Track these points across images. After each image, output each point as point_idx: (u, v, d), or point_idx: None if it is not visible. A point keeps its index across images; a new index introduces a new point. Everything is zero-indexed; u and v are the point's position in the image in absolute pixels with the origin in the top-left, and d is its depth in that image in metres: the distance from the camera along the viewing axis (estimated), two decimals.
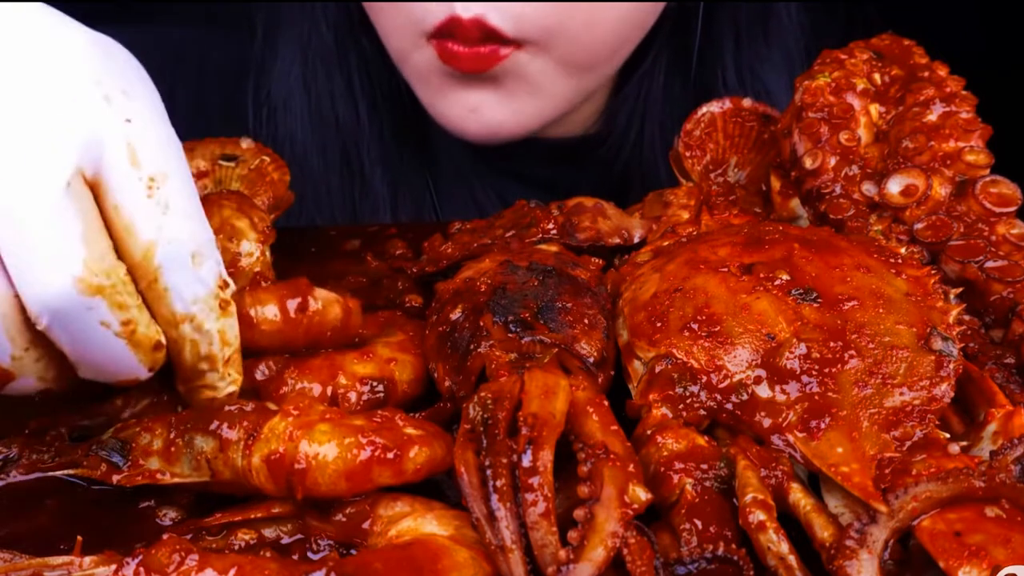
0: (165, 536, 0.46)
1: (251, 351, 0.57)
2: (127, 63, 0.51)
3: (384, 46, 0.94)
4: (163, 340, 0.52)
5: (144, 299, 0.51)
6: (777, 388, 0.52)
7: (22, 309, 0.47)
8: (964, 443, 0.53)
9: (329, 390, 0.57)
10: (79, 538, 0.48)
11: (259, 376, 0.57)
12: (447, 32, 0.83)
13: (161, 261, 0.50)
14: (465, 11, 0.81)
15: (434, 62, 0.86)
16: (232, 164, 0.77)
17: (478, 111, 0.89)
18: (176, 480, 0.52)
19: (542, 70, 0.87)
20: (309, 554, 0.50)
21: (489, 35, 0.83)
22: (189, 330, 0.52)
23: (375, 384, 0.57)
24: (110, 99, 0.48)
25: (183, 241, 0.50)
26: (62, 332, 0.48)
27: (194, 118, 1.03)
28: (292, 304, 0.57)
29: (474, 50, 0.83)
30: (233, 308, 0.54)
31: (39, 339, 0.49)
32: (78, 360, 0.51)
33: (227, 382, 0.54)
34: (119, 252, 0.49)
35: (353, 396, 0.57)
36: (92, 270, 0.47)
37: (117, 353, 0.50)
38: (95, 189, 0.48)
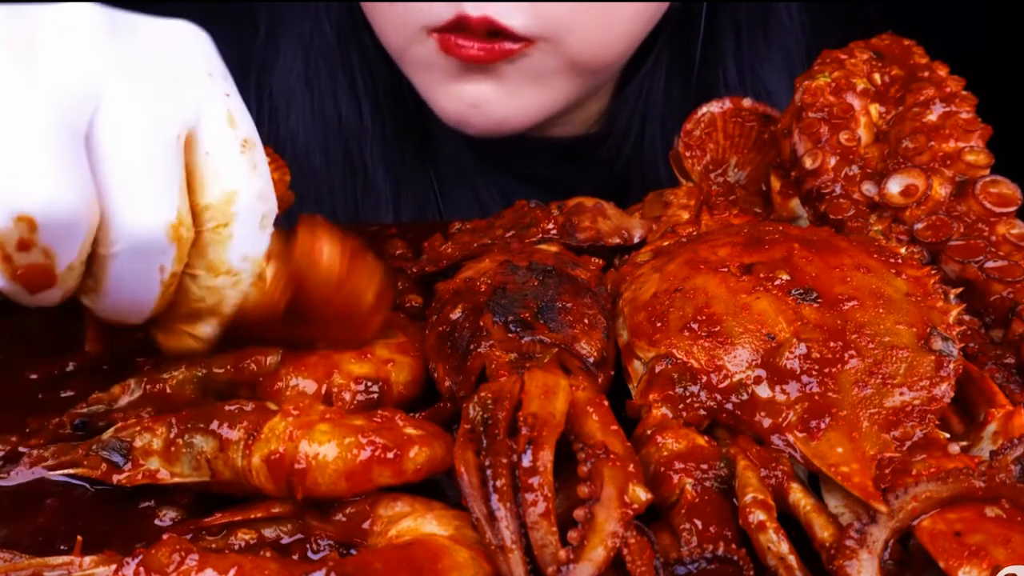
0: (165, 536, 0.46)
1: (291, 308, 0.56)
2: (215, 49, 0.57)
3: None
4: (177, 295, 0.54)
5: (202, 242, 0.53)
6: (777, 388, 0.52)
7: (92, 231, 0.50)
8: (964, 443, 0.53)
9: (324, 388, 0.56)
10: (79, 538, 0.48)
11: (254, 368, 0.57)
12: (454, 28, 0.83)
13: (239, 209, 0.53)
14: (474, 10, 0.81)
15: (435, 54, 0.86)
16: None
17: (480, 106, 0.89)
18: (176, 480, 0.52)
19: (551, 65, 0.87)
20: (309, 554, 0.50)
21: (498, 33, 0.82)
22: (224, 282, 0.54)
23: (370, 384, 0.57)
24: (212, 75, 0.55)
25: (263, 199, 0.54)
26: (124, 264, 0.51)
27: None
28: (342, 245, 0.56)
29: (481, 44, 0.83)
30: (261, 284, 0.55)
31: (92, 261, 0.51)
32: (110, 292, 0.53)
33: (213, 336, 0.56)
34: (195, 196, 0.53)
35: (347, 395, 0.56)
36: (183, 220, 0.51)
37: (148, 297, 0.53)
38: (188, 147, 0.52)
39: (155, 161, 0.51)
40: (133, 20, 0.54)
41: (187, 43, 0.55)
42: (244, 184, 0.53)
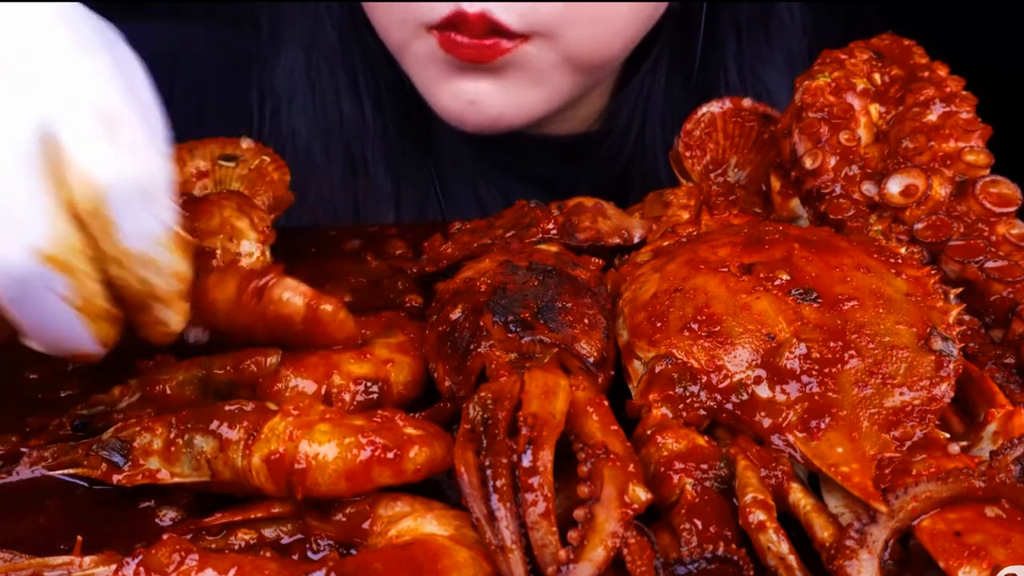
0: (165, 536, 0.46)
1: (212, 329, 0.57)
2: (76, 10, 0.52)
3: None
4: (109, 309, 0.52)
5: (95, 238, 0.50)
6: (777, 388, 0.52)
7: None
8: (964, 443, 0.53)
9: (324, 388, 0.56)
10: (79, 538, 0.48)
11: (253, 368, 0.57)
12: (452, 25, 0.83)
13: (112, 195, 0.49)
14: (471, 7, 0.81)
15: (435, 50, 0.86)
16: (232, 164, 0.77)
17: (477, 103, 0.89)
18: (176, 480, 0.52)
19: (548, 62, 0.87)
20: (309, 554, 0.50)
21: (495, 29, 0.83)
22: (137, 267, 0.51)
23: (369, 384, 0.57)
24: (80, 58, 0.50)
25: (139, 177, 0.50)
26: (17, 304, 0.50)
27: (198, 115, 1.04)
28: (251, 286, 0.56)
29: (478, 42, 0.83)
30: (187, 246, 0.53)
31: None
32: (33, 332, 0.51)
33: (179, 317, 0.55)
34: (72, 197, 0.49)
35: (347, 396, 0.56)
36: (60, 242, 0.48)
37: (71, 325, 0.51)
38: (51, 149, 0.48)
39: (5, 190, 0.47)
40: None
41: (40, 23, 0.50)
42: (107, 168, 0.49)
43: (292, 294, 0.56)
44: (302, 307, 0.56)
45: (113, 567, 0.46)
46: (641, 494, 0.46)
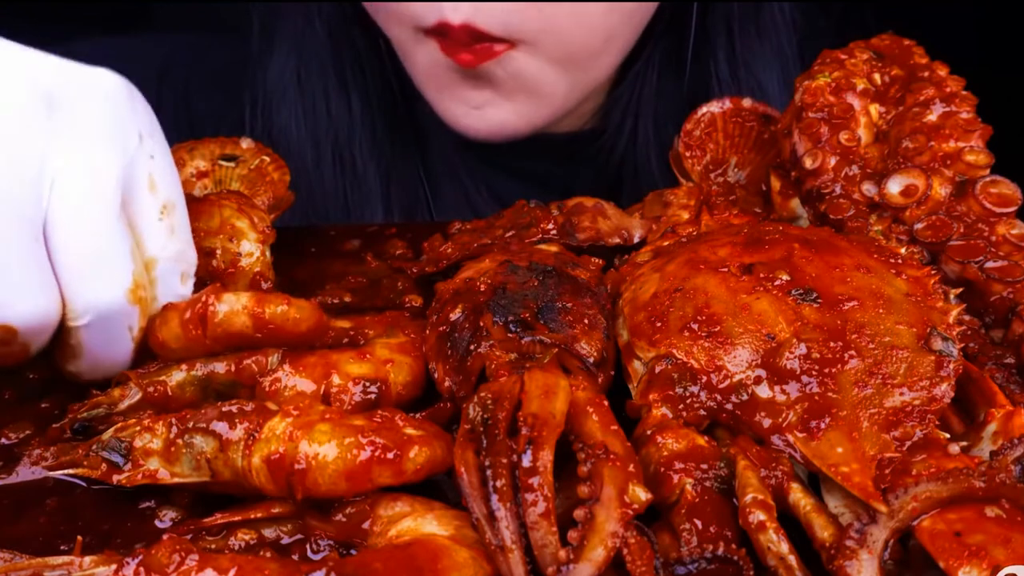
0: (165, 536, 0.46)
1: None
2: (145, 103, 0.59)
3: (379, 42, 0.95)
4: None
5: None
6: (777, 388, 0.52)
7: (61, 316, 0.54)
8: (964, 443, 0.53)
9: (323, 388, 0.56)
10: (79, 538, 0.48)
11: (255, 367, 0.57)
12: (440, 33, 0.84)
13: (159, 275, 0.58)
14: (454, 14, 0.82)
15: (438, 56, 0.87)
16: (232, 164, 0.77)
17: (482, 108, 0.90)
18: (176, 480, 0.52)
19: (539, 69, 0.88)
20: (309, 554, 0.50)
21: (479, 37, 0.84)
22: None
23: (368, 385, 0.57)
24: (141, 136, 0.57)
25: (180, 259, 0.59)
26: (95, 333, 0.56)
27: (191, 114, 1.04)
28: (191, 317, 0.56)
29: (469, 48, 0.84)
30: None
31: (66, 334, 0.56)
32: (87, 357, 0.57)
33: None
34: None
35: (346, 396, 0.56)
36: (139, 282, 0.56)
37: (123, 353, 0.58)
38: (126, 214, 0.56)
39: (104, 235, 0.54)
40: (61, 79, 0.54)
41: (115, 100, 0.56)
42: (161, 251, 0.57)
43: (230, 308, 0.56)
44: (248, 319, 0.56)
45: (113, 567, 0.46)
46: (641, 494, 0.46)
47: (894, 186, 0.67)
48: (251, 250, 0.66)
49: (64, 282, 0.53)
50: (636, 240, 0.72)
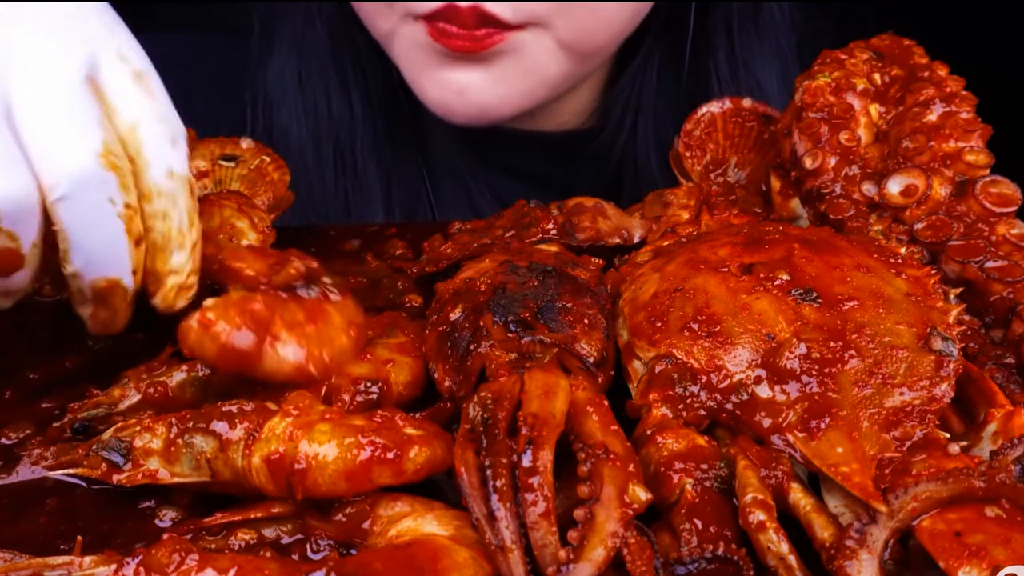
0: (165, 536, 0.46)
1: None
2: (116, 19, 0.60)
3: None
4: (143, 233, 0.57)
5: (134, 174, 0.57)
6: (777, 388, 0.52)
7: (40, 197, 0.53)
8: (964, 443, 0.53)
9: (323, 388, 0.56)
10: (79, 538, 0.48)
11: None
12: (443, 16, 0.83)
13: (145, 137, 0.57)
14: (464, 3, 0.81)
15: (423, 38, 0.85)
16: (232, 164, 0.77)
17: (465, 94, 0.87)
18: (176, 480, 0.52)
19: (543, 48, 0.86)
20: (309, 554, 0.50)
21: (487, 21, 0.82)
22: (163, 203, 0.57)
23: (369, 385, 0.57)
24: (110, 27, 0.58)
25: (164, 121, 0.58)
26: (76, 207, 0.54)
27: (191, 114, 1.04)
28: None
29: (469, 32, 0.82)
30: (196, 193, 0.60)
31: (49, 228, 0.55)
32: (75, 241, 0.55)
33: (190, 265, 0.59)
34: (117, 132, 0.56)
35: (347, 396, 0.56)
36: (110, 148, 0.55)
37: (113, 236, 0.56)
38: (94, 89, 0.56)
39: (66, 104, 0.54)
40: None
41: (87, 5, 0.58)
42: (141, 110, 0.57)
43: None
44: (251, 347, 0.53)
45: (113, 567, 0.46)
46: (641, 494, 0.46)
47: (894, 186, 0.67)
48: None
49: (34, 158, 0.53)
50: (636, 240, 0.72)
